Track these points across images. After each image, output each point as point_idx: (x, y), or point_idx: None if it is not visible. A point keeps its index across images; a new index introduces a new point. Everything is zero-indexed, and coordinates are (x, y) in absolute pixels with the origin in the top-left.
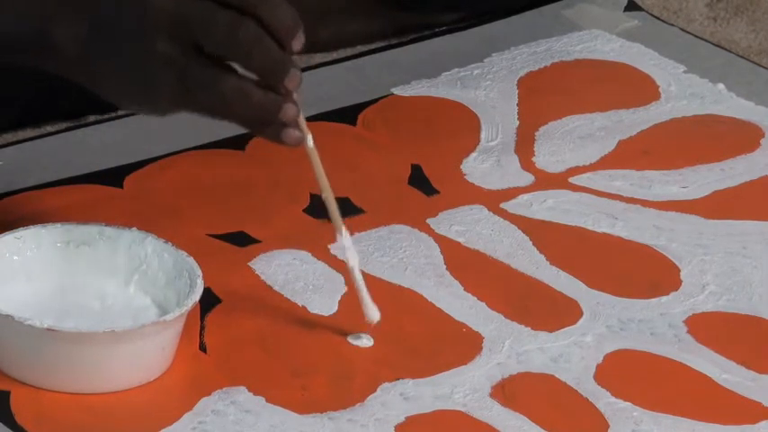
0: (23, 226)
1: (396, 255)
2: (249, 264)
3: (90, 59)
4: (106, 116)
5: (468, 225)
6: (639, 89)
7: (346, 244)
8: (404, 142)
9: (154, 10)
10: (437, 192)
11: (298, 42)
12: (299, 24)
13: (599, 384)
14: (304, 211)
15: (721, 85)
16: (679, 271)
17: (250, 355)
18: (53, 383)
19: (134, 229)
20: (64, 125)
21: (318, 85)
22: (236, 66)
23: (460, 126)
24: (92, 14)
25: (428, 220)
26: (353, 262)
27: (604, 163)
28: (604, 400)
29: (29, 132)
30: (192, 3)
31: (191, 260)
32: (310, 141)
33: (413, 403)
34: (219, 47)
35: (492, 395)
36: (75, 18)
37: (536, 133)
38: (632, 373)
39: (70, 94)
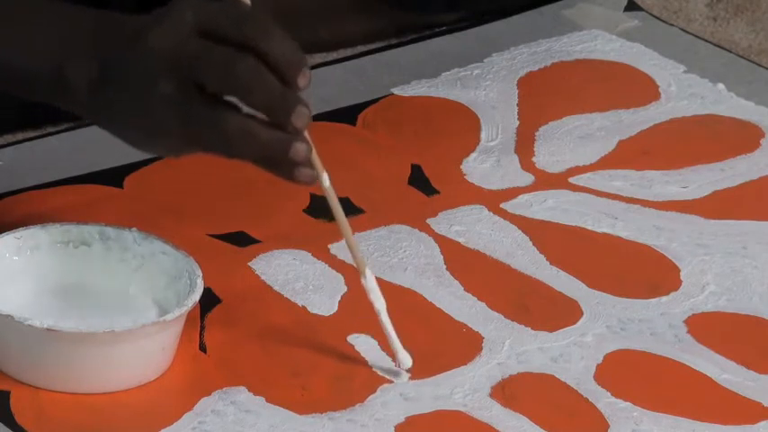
0: (23, 226)
1: (396, 255)
2: (249, 264)
3: (102, 102)
4: None
5: (468, 225)
6: (639, 89)
7: (370, 286)
8: (404, 142)
9: (154, 51)
10: (437, 192)
11: (303, 78)
12: (303, 59)
13: (599, 384)
14: (304, 211)
15: (721, 85)
16: (679, 271)
17: (250, 355)
18: (53, 383)
19: (134, 229)
20: (64, 125)
21: (318, 85)
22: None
23: (460, 126)
24: (103, 56)
25: (428, 220)
26: (379, 305)
27: (604, 163)
28: (604, 400)
29: (29, 132)
30: (189, 41)
31: (191, 260)
32: (326, 180)
33: (413, 403)
34: (219, 85)
35: (492, 395)
36: (87, 59)
37: (536, 133)
38: (632, 373)
39: None
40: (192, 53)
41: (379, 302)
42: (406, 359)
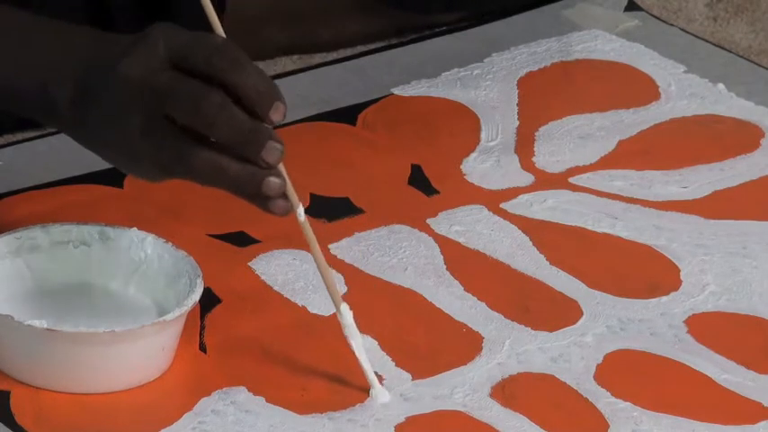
0: (23, 226)
1: (396, 255)
2: (249, 264)
3: (80, 123)
4: None
5: (468, 225)
6: (639, 89)
7: (346, 322)
8: (404, 142)
9: (124, 81)
10: (437, 192)
11: (276, 113)
12: (276, 92)
13: (599, 384)
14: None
15: (721, 85)
16: (679, 271)
17: (250, 355)
18: (53, 383)
19: (134, 229)
20: None
21: (318, 85)
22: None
23: (460, 126)
24: (82, 78)
25: (428, 220)
26: (355, 343)
27: (604, 163)
28: (604, 400)
29: (29, 132)
30: (158, 73)
31: (191, 260)
32: (301, 214)
33: (413, 403)
34: (186, 119)
35: (492, 395)
36: (67, 79)
37: (536, 133)
38: (632, 373)
39: None
40: (162, 86)
41: (355, 340)
42: (383, 395)
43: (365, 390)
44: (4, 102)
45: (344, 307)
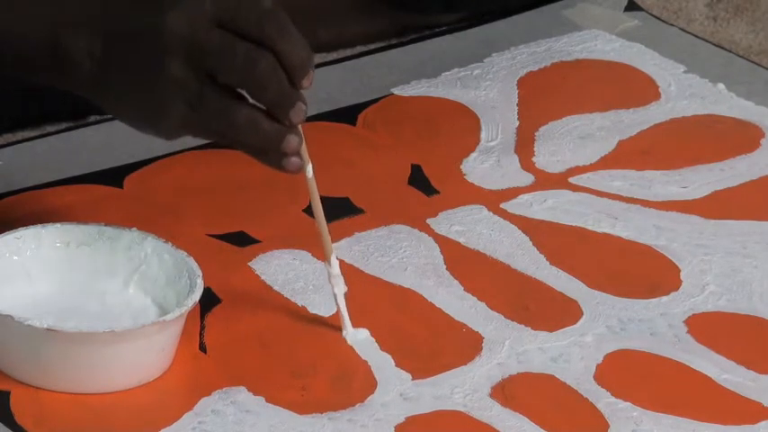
0: (23, 226)
1: (396, 255)
2: (249, 264)
3: (102, 76)
4: (106, 116)
5: (468, 225)
6: (639, 89)
7: (334, 272)
8: (404, 142)
9: (169, 34)
10: (437, 192)
11: (308, 80)
12: (312, 62)
13: (599, 384)
14: (304, 211)
15: (721, 85)
16: (679, 271)
17: (250, 355)
18: (53, 383)
19: (134, 229)
20: (64, 125)
21: (318, 85)
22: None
23: (460, 126)
24: (107, 29)
25: (428, 220)
26: (338, 290)
27: (604, 163)
28: (604, 400)
29: (29, 132)
30: (208, 31)
31: (191, 260)
32: (310, 171)
33: (413, 403)
34: (236, 78)
35: (492, 395)
36: (89, 32)
37: (536, 133)
38: (632, 373)
39: (70, 95)
40: (213, 44)
41: (339, 288)
42: (357, 334)
43: (367, 389)
44: (12, 62)
45: (335, 258)
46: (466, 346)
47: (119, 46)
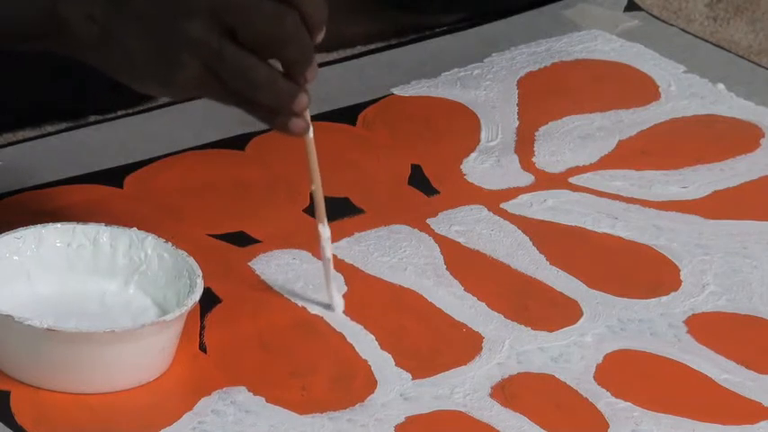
0: (23, 226)
1: (396, 255)
2: (249, 264)
3: (106, 39)
4: (106, 116)
5: (468, 225)
6: (639, 89)
7: (324, 235)
8: (404, 142)
9: None
10: (437, 192)
11: (321, 36)
12: (325, 22)
13: (599, 384)
14: (304, 211)
15: (721, 85)
16: (679, 271)
17: (250, 355)
18: (53, 383)
19: (134, 229)
20: (64, 125)
21: (318, 85)
22: None
23: (460, 126)
24: None
25: (428, 220)
26: (328, 255)
27: (604, 163)
28: (604, 400)
29: (29, 132)
30: None
31: (191, 260)
32: (311, 133)
33: (413, 403)
34: (259, 35)
35: (492, 395)
36: None
37: (536, 133)
38: (632, 373)
39: (70, 95)
40: (238, 2)
41: (326, 254)
42: (339, 305)
43: (367, 389)
44: (4, 29)
45: (326, 223)
46: (466, 346)
47: (123, 7)
